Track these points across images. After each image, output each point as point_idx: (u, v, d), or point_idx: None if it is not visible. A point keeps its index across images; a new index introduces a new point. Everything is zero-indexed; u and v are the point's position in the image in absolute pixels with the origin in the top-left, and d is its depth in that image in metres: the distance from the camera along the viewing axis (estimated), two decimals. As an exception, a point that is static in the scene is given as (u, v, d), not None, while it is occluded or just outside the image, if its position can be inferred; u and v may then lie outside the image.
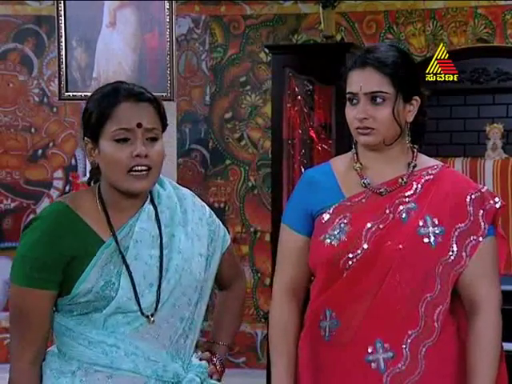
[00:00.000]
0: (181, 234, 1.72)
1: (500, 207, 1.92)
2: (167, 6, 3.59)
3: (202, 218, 1.79)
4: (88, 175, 1.79)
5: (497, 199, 1.93)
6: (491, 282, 1.90)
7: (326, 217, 1.92)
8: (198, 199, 1.83)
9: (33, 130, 4.75)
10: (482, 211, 1.91)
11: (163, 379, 1.70)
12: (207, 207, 1.83)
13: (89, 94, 4.40)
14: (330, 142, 4.07)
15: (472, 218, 1.90)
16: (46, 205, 4.72)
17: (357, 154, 1.98)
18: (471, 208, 1.91)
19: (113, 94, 1.65)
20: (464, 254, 1.88)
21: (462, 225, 1.90)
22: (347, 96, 1.92)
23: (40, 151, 4.76)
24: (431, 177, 1.93)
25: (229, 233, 1.92)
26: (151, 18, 3.62)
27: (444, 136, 4.19)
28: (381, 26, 4.54)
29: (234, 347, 2.01)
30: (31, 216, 4.72)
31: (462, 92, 4.10)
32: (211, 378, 1.81)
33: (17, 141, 4.76)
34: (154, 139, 1.69)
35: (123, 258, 1.65)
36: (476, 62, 3.89)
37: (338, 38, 4.50)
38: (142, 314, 1.66)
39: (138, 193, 1.68)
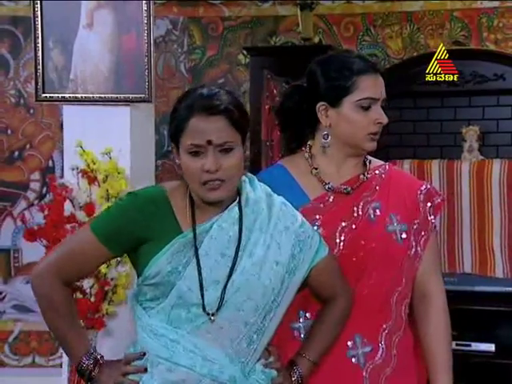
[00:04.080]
0: (257, 239, 1.73)
1: (442, 200, 2.01)
2: (145, 7, 3.57)
3: (290, 227, 1.76)
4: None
5: (440, 195, 2.02)
6: (439, 272, 2.02)
7: None
8: (291, 208, 1.80)
9: (9, 131, 4.71)
10: (429, 205, 1.99)
11: (218, 380, 1.69)
12: (300, 217, 1.80)
13: (66, 95, 4.30)
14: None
15: (422, 214, 1.98)
16: (22, 207, 4.69)
17: (311, 157, 1.98)
18: (421, 204, 1.99)
19: (188, 108, 1.70)
20: (419, 248, 1.97)
21: (417, 221, 1.97)
22: (362, 101, 1.90)
23: (16, 153, 4.72)
24: (384, 176, 1.99)
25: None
26: (129, 19, 3.60)
27: (421, 138, 4.21)
28: (358, 28, 4.55)
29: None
30: (8, 219, 4.69)
31: (439, 94, 4.12)
32: None
33: (-7, 142, 4.72)
34: (229, 150, 1.69)
35: (196, 251, 1.69)
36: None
37: (316, 40, 4.51)
38: (204, 310, 1.68)
39: (213, 202, 1.72)
